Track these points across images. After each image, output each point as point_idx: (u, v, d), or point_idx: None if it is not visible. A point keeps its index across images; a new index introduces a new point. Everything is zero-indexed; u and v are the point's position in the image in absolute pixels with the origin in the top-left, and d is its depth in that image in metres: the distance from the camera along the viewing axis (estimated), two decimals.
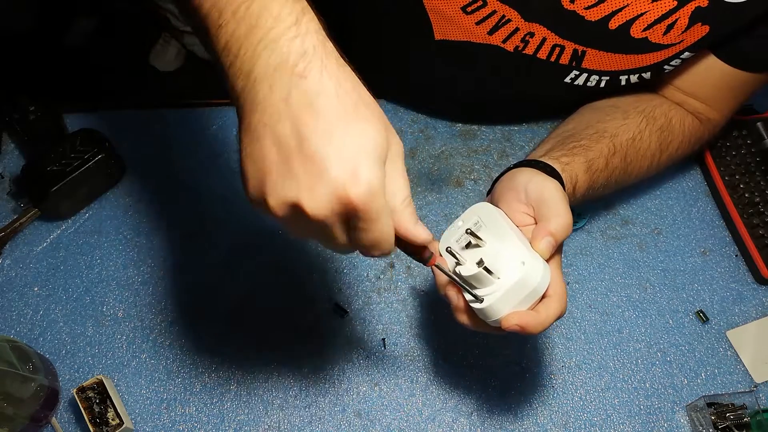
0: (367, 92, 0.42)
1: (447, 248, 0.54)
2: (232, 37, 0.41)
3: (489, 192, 0.66)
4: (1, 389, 0.61)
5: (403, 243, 0.47)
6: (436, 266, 0.50)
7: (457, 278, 0.52)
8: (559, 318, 0.53)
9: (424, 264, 0.49)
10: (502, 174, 0.64)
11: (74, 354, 0.71)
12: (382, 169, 0.41)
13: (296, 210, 0.41)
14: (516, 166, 0.64)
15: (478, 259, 0.53)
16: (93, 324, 0.73)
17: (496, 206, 0.58)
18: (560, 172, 0.62)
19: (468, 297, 0.53)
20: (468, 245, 0.55)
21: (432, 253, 0.49)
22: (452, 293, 0.55)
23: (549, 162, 0.63)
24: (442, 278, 0.56)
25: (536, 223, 0.56)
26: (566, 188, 0.61)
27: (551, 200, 0.56)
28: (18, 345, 0.65)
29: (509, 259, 0.52)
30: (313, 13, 0.42)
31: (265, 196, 0.41)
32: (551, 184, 0.58)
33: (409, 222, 0.45)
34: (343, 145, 0.39)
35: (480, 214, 0.56)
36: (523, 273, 0.51)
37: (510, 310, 0.52)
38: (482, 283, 0.52)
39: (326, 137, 0.39)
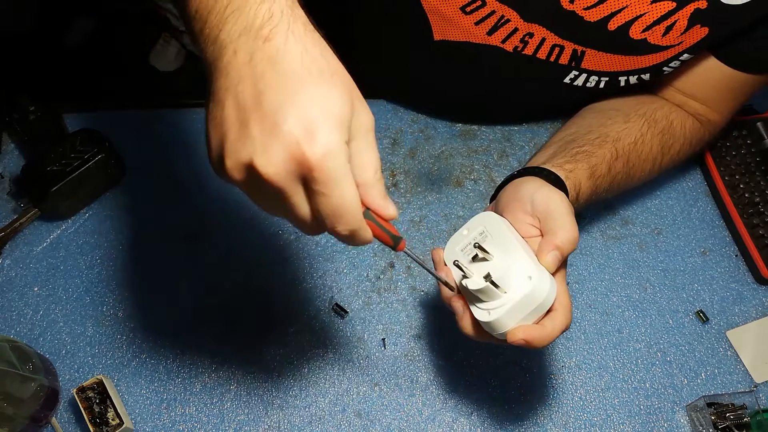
0: (336, 59, 0.41)
1: (455, 262, 0.54)
2: (202, 3, 0.41)
3: (492, 199, 0.66)
4: (1, 389, 0.61)
5: (372, 227, 0.45)
6: (406, 252, 0.48)
7: (432, 271, 0.52)
8: (564, 331, 0.53)
9: (394, 250, 0.47)
10: (506, 181, 0.64)
11: (74, 354, 0.71)
12: (343, 134, 0.39)
13: (252, 172, 0.39)
14: (520, 173, 0.63)
15: (485, 273, 0.53)
16: (93, 324, 0.73)
17: (501, 215, 0.58)
18: (564, 180, 0.62)
19: (474, 310, 0.53)
20: (474, 258, 0.55)
21: (402, 237, 0.47)
22: (458, 304, 0.55)
23: (553, 169, 0.63)
24: (447, 289, 0.56)
25: (542, 235, 0.56)
26: (570, 195, 0.61)
27: (557, 213, 0.56)
28: (18, 345, 0.65)
29: (516, 273, 0.52)
30: None
31: (224, 159, 0.40)
32: (557, 196, 0.57)
33: (379, 195, 0.43)
34: (302, 105, 0.38)
35: (485, 223, 0.56)
36: (530, 288, 0.51)
37: (516, 324, 0.52)
38: (489, 296, 0.52)
39: (285, 96, 0.38)
